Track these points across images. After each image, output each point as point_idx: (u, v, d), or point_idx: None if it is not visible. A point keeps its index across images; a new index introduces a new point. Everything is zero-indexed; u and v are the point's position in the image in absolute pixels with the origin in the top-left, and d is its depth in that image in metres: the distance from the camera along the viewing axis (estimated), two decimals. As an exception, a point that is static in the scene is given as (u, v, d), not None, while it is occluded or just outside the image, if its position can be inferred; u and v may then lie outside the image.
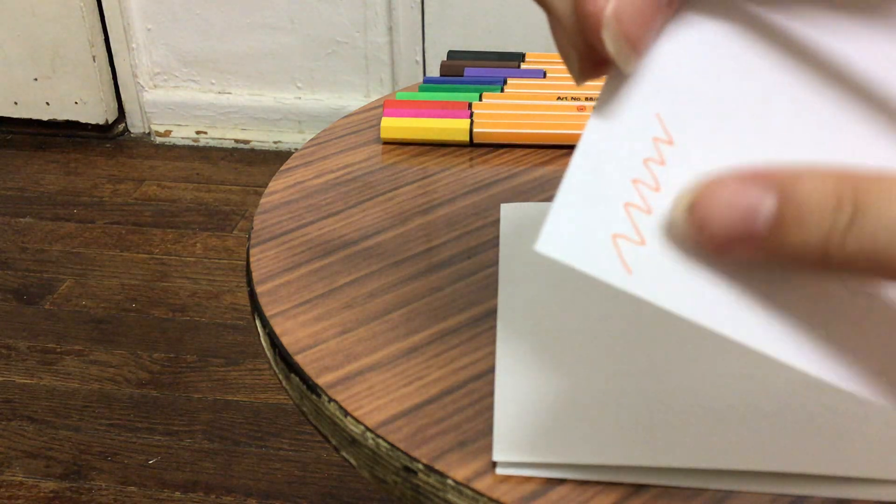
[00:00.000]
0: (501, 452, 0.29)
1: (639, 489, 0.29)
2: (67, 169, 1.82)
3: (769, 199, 0.21)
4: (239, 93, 1.90)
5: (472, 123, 0.50)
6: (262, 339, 0.37)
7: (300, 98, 1.88)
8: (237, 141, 1.91)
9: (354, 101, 1.85)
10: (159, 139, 1.93)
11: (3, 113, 1.92)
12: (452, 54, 0.59)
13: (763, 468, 0.29)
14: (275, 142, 1.91)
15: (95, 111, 1.89)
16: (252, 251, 0.41)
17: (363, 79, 1.84)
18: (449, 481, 0.29)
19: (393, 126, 0.50)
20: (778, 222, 0.21)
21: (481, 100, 0.53)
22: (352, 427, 0.31)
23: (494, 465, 0.29)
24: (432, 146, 0.50)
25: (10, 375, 1.30)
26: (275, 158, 1.87)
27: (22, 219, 1.66)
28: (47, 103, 1.90)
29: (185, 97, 1.91)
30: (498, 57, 0.59)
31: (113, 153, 1.89)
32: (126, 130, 1.95)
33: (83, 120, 1.90)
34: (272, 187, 0.46)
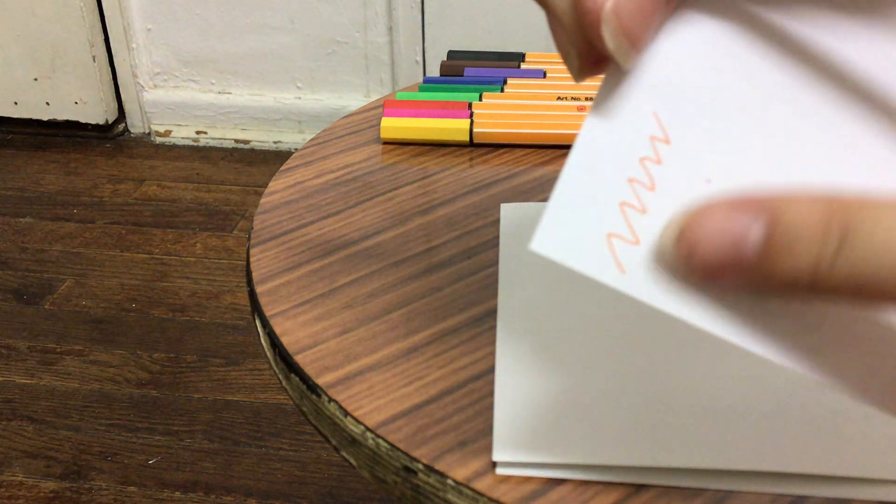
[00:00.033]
0: (501, 452, 0.29)
1: (639, 489, 0.29)
2: (67, 169, 1.82)
3: (757, 226, 0.21)
4: (239, 93, 1.90)
5: (472, 123, 0.50)
6: (262, 339, 0.37)
7: (300, 98, 1.88)
8: (237, 141, 1.91)
9: (354, 101, 1.85)
10: (159, 139, 1.93)
11: (3, 113, 1.92)
12: (452, 54, 0.59)
13: (763, 468, 0.29)
14: (275, 142, 1.91)
15: (95, 111, 1.89)
16: (252, 251, 0.41)
17: (363, 79, 1.84)
18: (449, 481, 0.29)
19: (393, 126, 0.50)
20: (766, 249, 0.21)
21: (481, 100, 0.53)
22: (352, 427, 0.31)
23: (494, 465, 0.29)
24: (432, 146, 0.50)
25: (10, 375, 1.30)
26: (275, 158, 1.87)
27: (22, 219, 1.66)
28: (47, 103, 1.90)
29: (185, 97, 1.91)
30: (498, 57, 0.59)
31: (113, 153, 1.89)
32: (126, 130, 1.95)
33: (83, 120, 1.90)
34: (272, 187, 0.46)
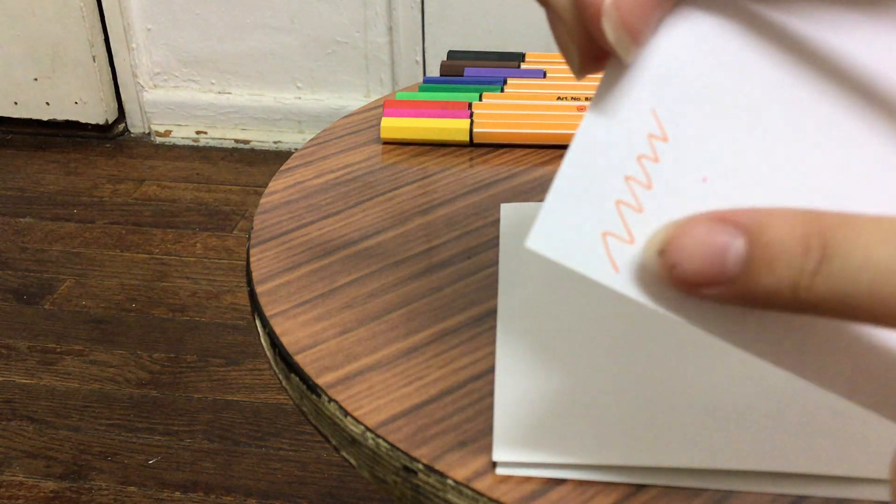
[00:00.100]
0: (501, 452, 0.29)
1: (639, 489, 0.29)
2: (67, 169, 1.82)
3: (738, 242, 0.22)
4: (239, 93, 1.90)
5: (472, 123, 0.50)
6: (262, 339, 0.37)
7: (300, 98, 1.88)
8: (237, 141, 1.91)
9: (354, 101, 1.85)
10: (159, 139, 1.93)
11: (3, 113, 1.92)
12: (452, 54, 0.59)
13: (763, 468, 0.29)
14: (275, 142, 1.91)
15: (95, 111, 1.89)
16: (252, 251, 0.41)
17: (363, 79, 1.84)
18: (449, 481, 0.29)
19: (393, 126, 0.50)
20: (748, 264, 0.21)
21: (481, 100, 0.53)
22: (352, 427, 0.31)
23: (494, 465, 0.29)
24: (432, 146, 0.50)
25: (10, 375, 1.30)
26: (275, 158, 1.87)
27: (22, 219, 1.66)
28: (47, 103, 1.90)
29: (185, 97, 1.91)
30: (498, 57, 0.59)
31: (113, 153, 1.89)
32: (126, 130, 1.95)
33: (83, 120, 1.90)
34: (272, 187, 0.46)
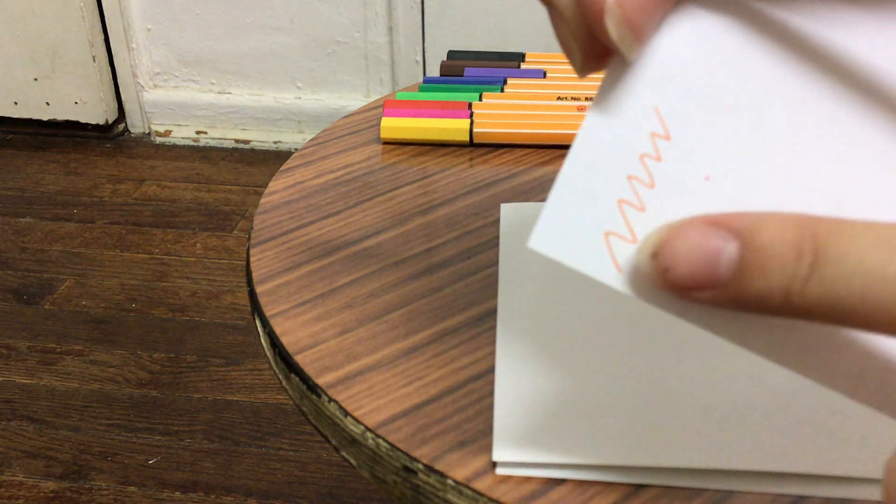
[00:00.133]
0: (501, 452, 0.29)
1: (639, 489, 0.29)
2: (67, 169, 1.82)
3: (731, 247, 0.22)
4: (239, 93, 1.90)
5: (472, 123, 0.50)
6: (262, 339, 0.37)
7: (300, 98, 1.88)
8: (237, 141, 1.91)
9: (354, 101, 1.85)
10: (159, 139, 1.93)
11: (3, 113, 1.92)
12: (452, 54, 0.59)
13: (763, 468, 0.29)
14: (275, 142, 1.91)
15: (95, 111, 1.89)
16: (252, 251, 0.41)
17: (363, 79, 1.84)
18: (449, 481, 0.29)
19: (393, 126, 0.50)
20: (740, 268, 0.21)
21: (481, 100, 0.53)
22: (352, 427, 0.31)
23: (494, 465, 0.29)
24: (432, 146, 0.50)
25: (10, 375, 1.30)
26: (275, 158, 1.87)
27: (22, 219, 1.66)
28: (47, 103, 1.90)
29: (185, 97, 1.91)
30: (498, 57, 0.59)
31: (113, 153, 1.89)
32: (126, 130, 1.95)
33: (83, 120, 1.90)
34: (272, 187, 0.46)
